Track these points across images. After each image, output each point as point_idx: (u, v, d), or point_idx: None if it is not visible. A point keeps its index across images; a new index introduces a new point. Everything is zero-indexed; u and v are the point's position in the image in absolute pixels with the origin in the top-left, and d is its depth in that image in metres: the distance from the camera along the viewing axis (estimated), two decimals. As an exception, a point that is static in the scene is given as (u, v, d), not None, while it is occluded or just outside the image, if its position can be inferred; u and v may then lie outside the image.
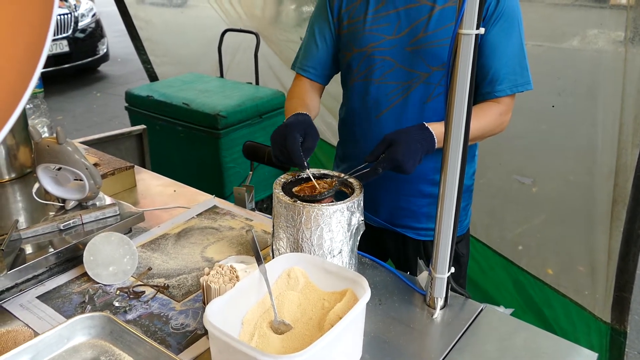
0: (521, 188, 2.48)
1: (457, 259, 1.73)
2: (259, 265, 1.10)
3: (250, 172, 2.25)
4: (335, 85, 1.76)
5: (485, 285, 2.67)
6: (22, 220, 1.54)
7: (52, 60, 6.94)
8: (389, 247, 1.79)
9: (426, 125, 1.36)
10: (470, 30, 1.02)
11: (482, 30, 1.04)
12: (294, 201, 1.22)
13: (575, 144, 2.27)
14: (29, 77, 0.47)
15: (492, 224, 2.63)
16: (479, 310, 1.27)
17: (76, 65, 7.31)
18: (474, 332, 1.21)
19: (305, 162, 1.32)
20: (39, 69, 0.49)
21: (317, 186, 1.32)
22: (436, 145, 1.36)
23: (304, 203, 1.22)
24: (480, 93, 1.52)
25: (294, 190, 1.31)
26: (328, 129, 3.42)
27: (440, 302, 1.25)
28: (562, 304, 2.37)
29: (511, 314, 1.32)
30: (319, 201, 1.27)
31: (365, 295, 1.02)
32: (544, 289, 2.42)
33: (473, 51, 1.04)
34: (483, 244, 2.64)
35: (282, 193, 1.27)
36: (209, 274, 1.17)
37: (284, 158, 1.35)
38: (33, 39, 0.46)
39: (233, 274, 1.17)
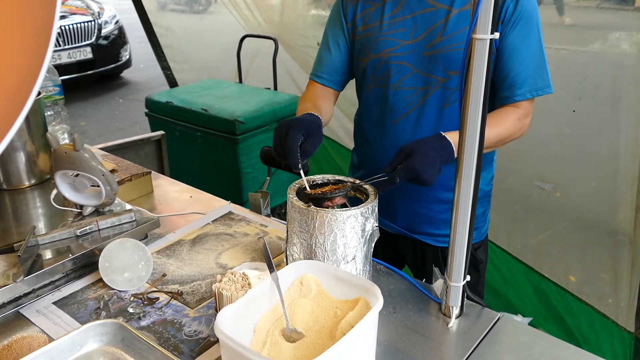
0: (543, 194, 2.44)
1: (475, 266, 1.71)
2: (270, 273, 1.09)
3: (268, 178, 2.25)
4: (353, 90, 1.75)
5: (506, 293, 2.63)
6: (41, 226, 1.56)
7: (75, 66, 7.07)
8: (407, 254, 1.77)
9: (444, 134, 1.34)
10: (484, 35, 1.01)
11: (496, 35, 1.03)
12: (308, 206, 1.21)
13: (597, 150, 2.23)
14: (31, 83, 0.47)
15: (514, 230, 2.60)
16: (496, 319, 1.25)
17: (99, 71, 7.44)
18: (491, 342, 1.18)
19: (299, 163, 1.28)
20: (42, 74, 0.49)
21: (309, 189, 1.29)
22: (455, 155, 1.33)
23: (318, 208, 1.21)
24: (498, 97, 1.49)
25: (307, 191, 1.30)
26: (346, 134, 3.41)
27: (455, 311, 1.23)
28: (584, 313, 2.32)
29: (532, 322, 1.29)
30: (329, 199, 1.25)
31: (378, 303, 1.00)
32: (565, 296, 2.38)
33: (488, 56, 1.02)
34: (504, 251, 2.60)
35: (296, 198, 1.26)
36: (221, 281, 1.17)
37: (281, 155, 1.32)
38: (35, 46, 0.46)
39: (245, 281, 1.16)
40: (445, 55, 1.46)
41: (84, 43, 7.13)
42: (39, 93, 1.81)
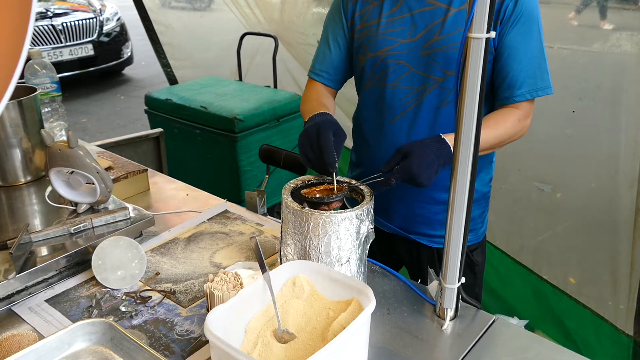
0: (542, 195, 2.42)
1: (472, 268, 1.69)
2: (262, 273, 1.08)
3: (267, 176, 2.24)
4: (353, 88, 1.73)
5: (505, 295, 2.62)
6: (36, 222, 1.55)
7: (77, 63, 7.07)
8: (403, 255, 1.75)
9: (443, 137, 1.32)
10: (480, 33, 0.99)
11: (492, 34, 1.01)
12: (302, 207, 1.20)
13: (597, 150, 2.21)
14: (7, 79, 0.46)
15: (512, 231, 2.58)
16: (491, 321, 1.23)
17: (101, 68, 7.44)
18: (485, 345, 1.17)
19: (336, 163, 1.27)
20: (19, 69, 0.48)
21: (336, 189, 1.29)
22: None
23: (312, 210, 1.19)
24: (498, 98, 1.48)
25: (302, 192, 1.29)
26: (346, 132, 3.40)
27: (450, 313, 1.21)
28: (583, 315, 2.30)
29: (530, 324, 1.27)
30: (326, 204, 1.24)
31: (370, 305, 0.99)
32: (564, 299, 2.36)
33: (483, 55, 1.01)
34: (502, 252, 2.59)
35: (291, 199, 1.25)
36: (213, 280, 1.16)
37: (314, 157, 1.30)
38: (9, 44, 0.45)
39: (237, 281, 1.15)
40: (442, 55, 1.45)
41: (85, 40, 7.14)
42: (35, 89, 1.80)
